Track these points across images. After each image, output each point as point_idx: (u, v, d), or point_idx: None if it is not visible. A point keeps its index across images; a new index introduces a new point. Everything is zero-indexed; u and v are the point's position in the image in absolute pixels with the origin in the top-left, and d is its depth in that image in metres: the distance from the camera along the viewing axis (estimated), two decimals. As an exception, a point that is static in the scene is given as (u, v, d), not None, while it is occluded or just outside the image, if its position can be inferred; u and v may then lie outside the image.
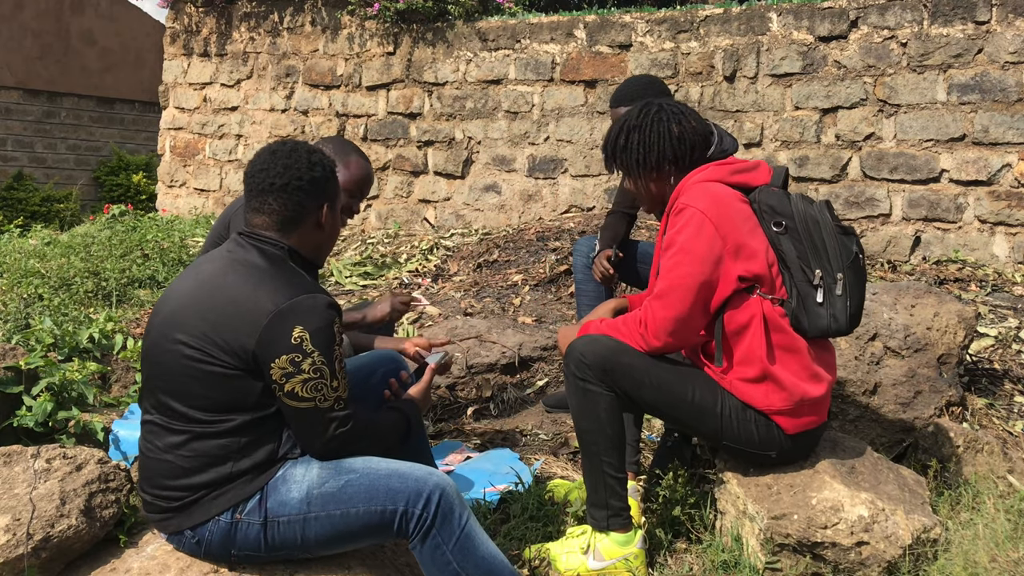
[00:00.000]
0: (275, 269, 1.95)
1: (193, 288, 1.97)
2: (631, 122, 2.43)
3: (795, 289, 2.29)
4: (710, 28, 5.74)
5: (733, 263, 2.26)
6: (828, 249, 2.29)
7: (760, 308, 2.26)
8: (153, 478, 1.94)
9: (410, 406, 2.19)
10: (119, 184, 12.68)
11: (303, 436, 1.93)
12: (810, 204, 2.35)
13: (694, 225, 2.25)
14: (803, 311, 2.28)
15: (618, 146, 2.45)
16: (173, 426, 1.92)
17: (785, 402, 2.27)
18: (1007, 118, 4.97)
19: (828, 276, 2.28)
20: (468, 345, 3.82)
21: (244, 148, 7.50)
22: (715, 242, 2.24)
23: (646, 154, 2.40)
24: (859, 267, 2.32)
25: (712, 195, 2.30)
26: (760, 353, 2.26)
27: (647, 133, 2.40)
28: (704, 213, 2.25)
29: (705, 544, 2.46)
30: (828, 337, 2.33)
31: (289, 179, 1.98)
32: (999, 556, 2.20)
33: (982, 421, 3.11)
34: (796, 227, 2.30)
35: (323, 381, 1.87)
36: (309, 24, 7.21)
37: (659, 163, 2.40)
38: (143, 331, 4.30)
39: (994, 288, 4.51)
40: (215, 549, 1.92)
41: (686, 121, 2.41)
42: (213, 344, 1.87)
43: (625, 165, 2.45)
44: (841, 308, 2.26)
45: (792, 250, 2.30)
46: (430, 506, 1.88)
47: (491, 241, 5.71)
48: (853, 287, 2.29)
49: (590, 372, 2.28)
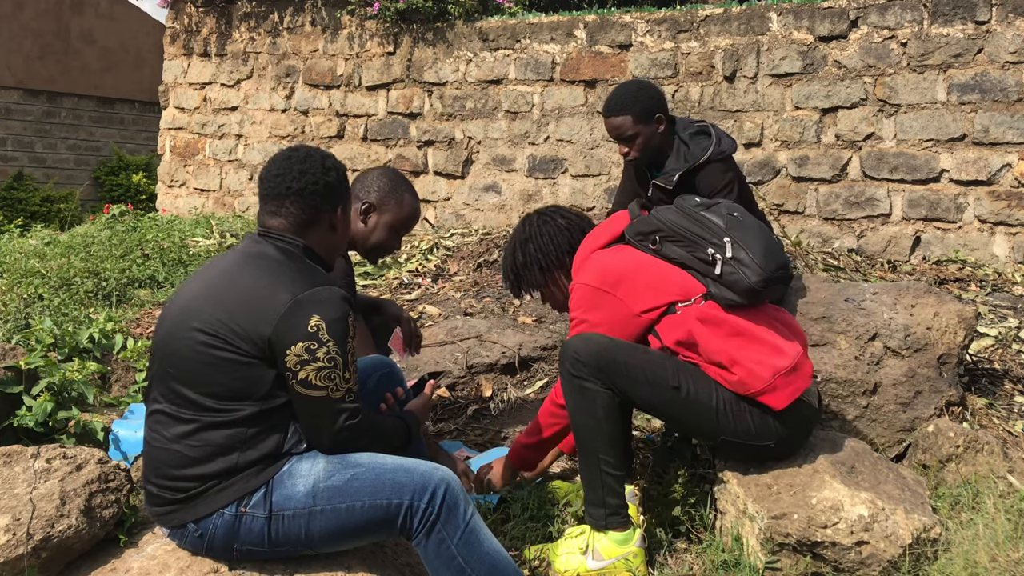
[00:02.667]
0: (292, 262, 2.00)
1: (210, 280, 2.01)
2: (518, 237, 2.69)
3: (706, 278, 2.39)
4: (710, 28, 5.74)
5: (630, 304, 2.41)
6: (702, 227, 2.42)
7: (691, 316, 2.36)
8: (159, 468, 1.95)
9: (411, 417, 2.22)
10: (119, 184, 12.68)
11: (312, 427, 1.94)
12: (669, 208, 2.52)
13: (583, 297, 2.46)
14: (723, 287, 2.36)
15: (517, 265, 2.68)
16: (182, 415, 1.93)
17: (762, 381, 2.29)
18: (1007, 118, 4.97)
19: (718, 248, 2.37)
20: (468, 345, 3.82)
21: (244, 148, 7.50)
22: (603, 297, 2.43)
23: (547, 256, 2.64)
24: (738, 222, 2.42)
25: (593, 265, 2.50)
26: (716, 348, 2.32)
27: (538, 239, 2.65)
28: (585, 283, 2.47)
29: (705, 544, 2.46)
30: (762, 288, 2.34)
31: (305, 184, 2.05)
32: (999, 556, 2.20)
33: (982, 421, 3.11)
34: (667, 233, 2.46)
35: (336, 371, 1.90)
36: (309, 24, 7.21)
37: (561, 256, 2.64)
38: (145, 329, 4.29)
39: (994, 288, 4.51)
40: (218, 543, 1.92)
41: (568, 212, 2.70)
42: (230, 331, 1.90)
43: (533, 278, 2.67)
44: (748, 260, 2.33)
45: (679, 251, 2.44)
46: (435, 500, 1.89)
47: (491, 241, 5.71)
48: (743, 239, 2.37)
49: (585, 369, 2.30)
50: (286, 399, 1.93)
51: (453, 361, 3.72)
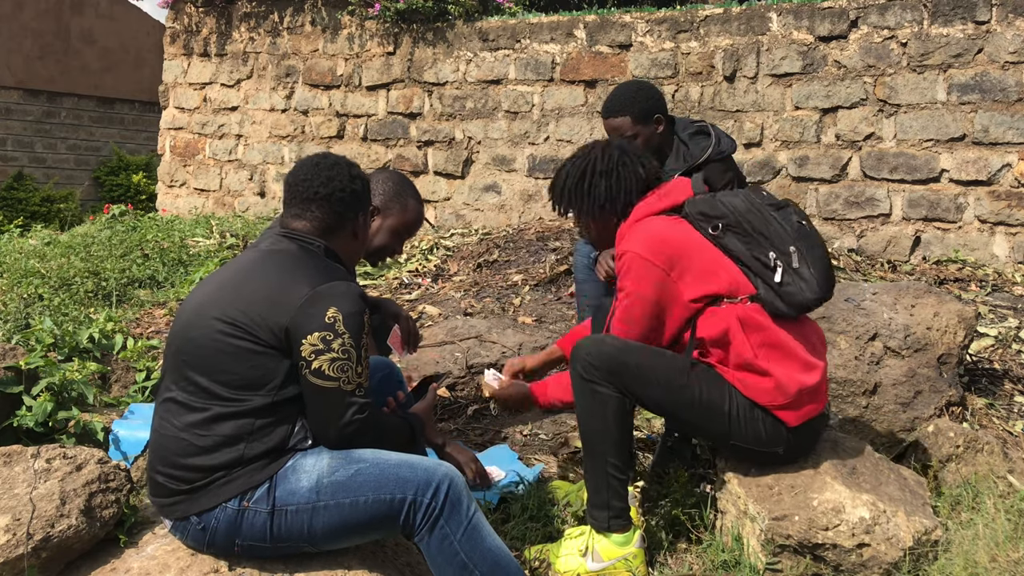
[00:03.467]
0: (312, 259, 2.05)
1: (230, 274, 2.05)
2: (596, 167, 2.48)
3: (759, 279, 2.32)
4: (710, 28, 5.74)
5: (684, 287, 2.31)
6: (771, 229, 2.32)
7: (733, 315, 2.29)
8: (167, 457, 1.96)
9: (414, 419, 2.23)
10: (119, 184, 12.69)
11: (321, 418, 1.95)
12: (737, 196, 2.39)
13: (636, 267, 2.32)
14: (775, 296, 2.30)
15: (580, 190, 2.49)
16: (194, 403, 1.94)
17: (785, 397, 2.27)
18: (1007, 118, 4.97)
19: (781, 254, 2.30)
20: (468, 345, 3.82)
21: (244, 148, 7.50)
22: (658, 276, 2.31)
23: (613, 199, 2.46)
24: (807, 233, 2.34)
25: (645, 232, 2.36)
26: (748, 356, 2.27)
27: (614, 179, 2.46)
28: (640, 254, 2.32)
29: (705, 544, 2.46)
30: (810, 308, 2.32)
31: (332, 190, 2.11)
32: (999, 556, 2.20)
33: (982, 421, 3.11)
34: (733, 222, 2.35)
35: (350, 363, 1.92)
36: (309, 24, 7.21)
37: (626, 206, 2.46)
38: (145, 329, 4.29)
39: (994, 288, 4.51)
40: (220, 538, 1.93)
41: (649, 162, 2.50)
42: (249, 320, 1.93)
43: (583, 208, 2.50)
44: (808, 276, 2.28)
45: (739, 245, 2.34)
46: (439, 496, 1.89)
47: (491, 241, 5.71)
48: (810, 253, 2.30)
49: (598, 373, 2.27)
50: (296, 392, 1.95)
51: (453, 361, 3.72)
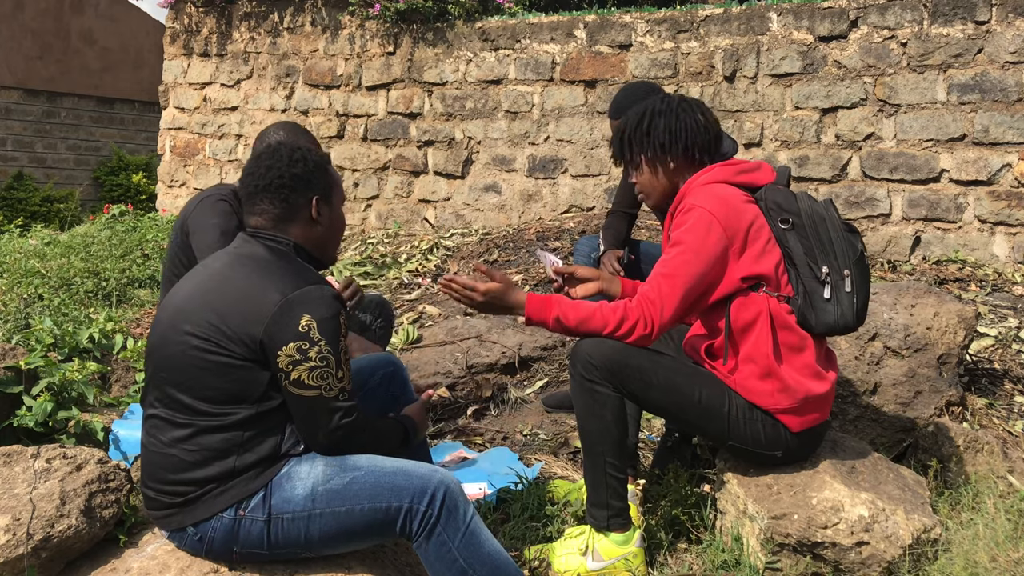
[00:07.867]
0: (282, 262, 1.99)
1: (201, 282, 2.00)
2: (656, 108, 2.41)
3: (802, 286, 2.29)
4: (710, 28, 5.74)
5: (737, 264, 2.26)
6: (835, 246, 2.29)
7: (766, 305, 2.26)
8: (156, 473, 1.94)
9: (408, 420, 2.20)
10: (119, 184, 12.68)
11: (307, 427, 1.93)
12: (815, 202, 2.36)
13: (703, 225, 2.25)
14: (810, 308, 2.28)
15: (640, 131, 2.41)
16: (178, 419, 1.92)
17: (791, 400, 2.27)
18: (1007, 118, 4.97)
19: (835, 272, 2.28)
20: (468, 345, 3.82)
21: (244, 148, 7.50)
22: (721, 243, 2.25)
23: (673, 139, 2.37)
24: (864, 265, 2.33)
25: (720, 196, 2.29)
26: (766, 350, 2.25)
27: (673, 119, 2.38)
28: (712, 214, 2.25)
29: (705, 544, 2.46)
30: (835, 334, 2.33)
31: (271, 179, 2.04)
32: (999, 556, 2.20)
33: (982, 421, 3.11)
34: (803, 224, 2.31)
35: (329, 370, 1.89)
36: (309, 24, 7.20)
37: (686, 149, 2.38)
38: (145, 330, 4.29)
39: (994, 288, 4.51)
40: (217, 547, 1.92)
41: (709, 114, 2.43)
42: (221, 334, 1.89)
43: (643, 150, 2.42)
44: (848, 304, 2.27)
45: (799, 247, 2.30)
46: (435, 503, 1.88)
47: (491, 241, 5.71)
48: (860, 284, 2.29)
49: (598, 373, 2.26)
50: (281, 400, 1.92)
51: (453, 361, 3.72)
